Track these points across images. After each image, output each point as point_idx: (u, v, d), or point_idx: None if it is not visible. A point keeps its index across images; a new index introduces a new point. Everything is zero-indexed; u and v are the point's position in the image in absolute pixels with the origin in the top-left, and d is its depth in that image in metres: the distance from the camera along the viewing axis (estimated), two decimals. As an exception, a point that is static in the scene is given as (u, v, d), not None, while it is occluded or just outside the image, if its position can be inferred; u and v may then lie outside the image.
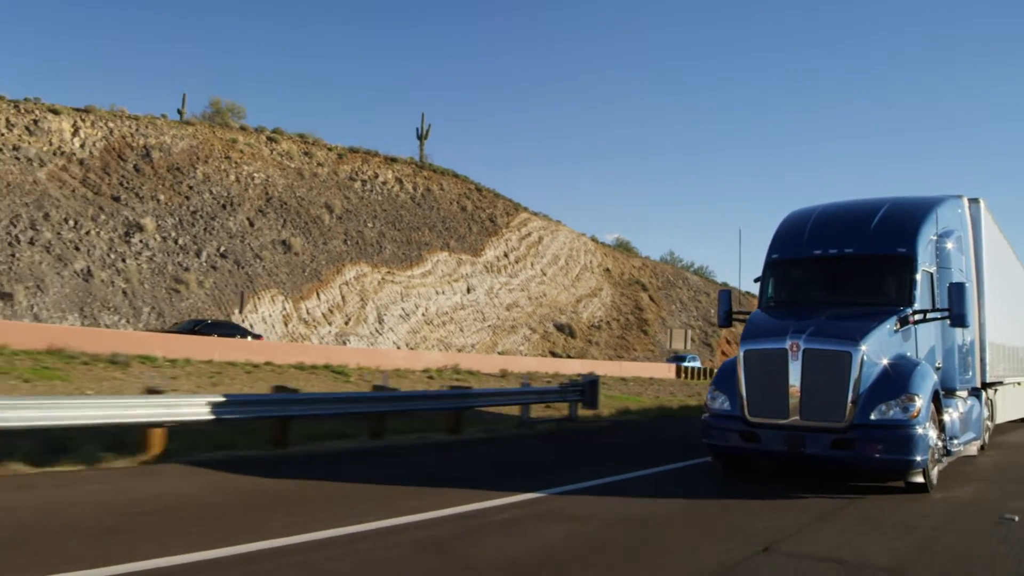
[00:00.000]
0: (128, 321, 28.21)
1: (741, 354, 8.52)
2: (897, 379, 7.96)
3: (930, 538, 6.20)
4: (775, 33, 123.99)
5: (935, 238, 9.55)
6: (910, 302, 8.85)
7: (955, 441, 9.34)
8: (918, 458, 7.76)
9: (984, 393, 11.65)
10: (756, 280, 10.35)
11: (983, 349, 11.30)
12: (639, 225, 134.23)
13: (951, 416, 9.20)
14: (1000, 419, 13.88)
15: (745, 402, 8.35)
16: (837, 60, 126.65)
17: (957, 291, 8.85)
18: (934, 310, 9.10)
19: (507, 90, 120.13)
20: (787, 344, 8.06)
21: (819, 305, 9.15)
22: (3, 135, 31.89)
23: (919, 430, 7.75)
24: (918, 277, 8.99)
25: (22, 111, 33.27)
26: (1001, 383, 13.10)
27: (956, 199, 10.81)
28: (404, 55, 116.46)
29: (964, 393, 10.34)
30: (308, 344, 31.79)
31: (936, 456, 8.38)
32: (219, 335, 25.22)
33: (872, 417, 7.79)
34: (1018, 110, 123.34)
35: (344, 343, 34.24)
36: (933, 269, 9.40)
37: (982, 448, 12.02)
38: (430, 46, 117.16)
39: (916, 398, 7.81)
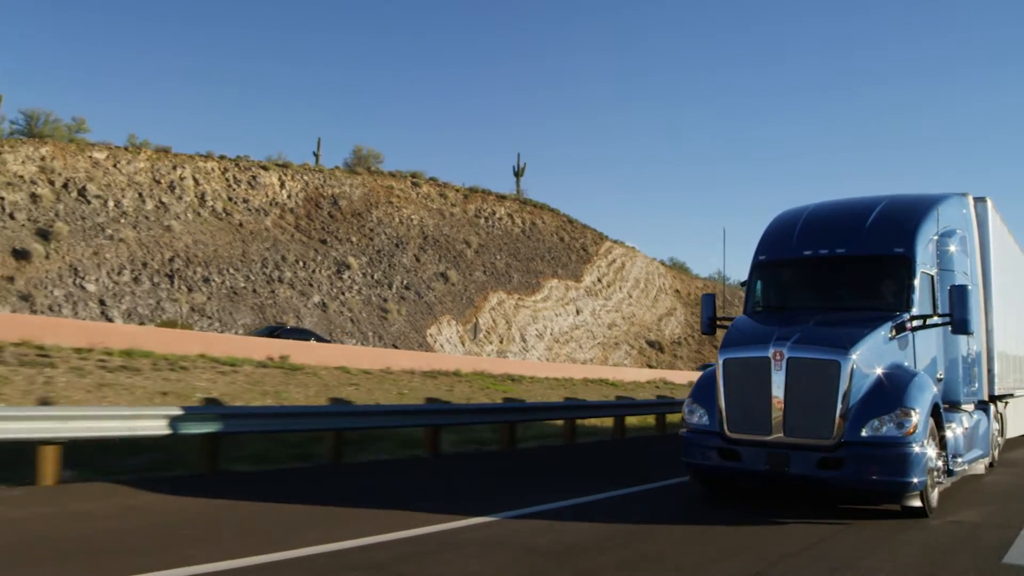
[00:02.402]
0: (360, 344, 35.11)
1: (720, 363, 7.92)
2: (892, 391, 7.40)
3: (928, 573, 5.66)
4: (768, 41, 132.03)
5: (936, 238, 8.86)
6: (908, 307, 8.21)
7: (959, 459, 8.66)
8: (915, 479, 7.16)
9: (993, 406, 10.98)
10: (742, 284, 9.75)
11: (991, 359, 10.59)
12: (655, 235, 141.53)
13: (954, 432, 8.57)
14: (1012, 434, 13.21)
15: (724, 416, 7.81)
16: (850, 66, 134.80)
17: (959, 294, 8.18)
18: (934, 315, 8.41)
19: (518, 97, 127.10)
20: (770, 352, 7.50)
21: (808, 310, 8.59)
22: (234, 189, 38.78)
23: (916, 448, 7.18)
24: (916, 279, 8.35)
25: (242, 168, 40.13)
26: (1012, 395, 12.37)
27: (960, 197, 10.11)
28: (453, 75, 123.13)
29: (970, 407, 9.69)
30: (532, 362, 38.76)
31: (936, 477, 7.72)
32: (294, 339, 25.68)
33: (863, 434, 7.22)
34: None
35: (505, 358, 41.23)
36: (934, 271, 8.74)
37: (991, 465, 11.29)
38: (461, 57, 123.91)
39: (912, 412, 7.23)
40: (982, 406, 10.25)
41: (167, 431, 8.55)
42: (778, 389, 7.42)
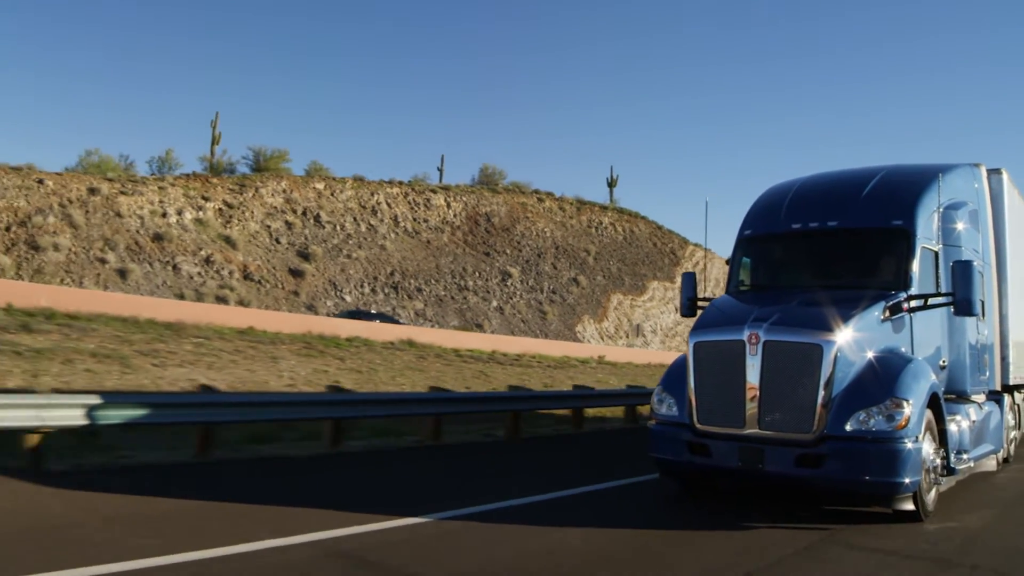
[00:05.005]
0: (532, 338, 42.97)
1: (690, 347, 7.28)
2: (882, 379, 6.64)
3: None
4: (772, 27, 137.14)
5: (940, 210, 8.07)
6: (905, 285, 7.46)
7: (964, 456, 7.88)
8: (906, 480, 6.38)
9: (1008, 397, 10.27)
10: (728, 262, 9.20)
11: (1004, 345, 9.81)
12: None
13: (958, 425, 7.84)
14: None
15: (694, 407, 7.15)
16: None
17: (962, 270, 7.38)
18: (935, 295, 7.64)
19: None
20: (745, 335, 6.81)
21: (794, 289, 8.00)
22: (416, 211, 46.60)
23: (908, 444, 6.39)
24: (916, 255, 7.59)
25: (417, 191, 47.88)
26: None
27: (971, 168, 9.36)
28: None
29: (980, 397, 8.96)
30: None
31: (933, 476, 6.92)
32: (366, 320, 28.97)
33: (848, 427, 6.47)
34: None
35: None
36: (938, 247, 7.96)
37: (1005, 461, 10.47)
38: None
39: (904, 404, 6.45)
40: (995, 397, 9.59)
41: (84, 421, 8.19)
42: (753, 376, 6.80)
